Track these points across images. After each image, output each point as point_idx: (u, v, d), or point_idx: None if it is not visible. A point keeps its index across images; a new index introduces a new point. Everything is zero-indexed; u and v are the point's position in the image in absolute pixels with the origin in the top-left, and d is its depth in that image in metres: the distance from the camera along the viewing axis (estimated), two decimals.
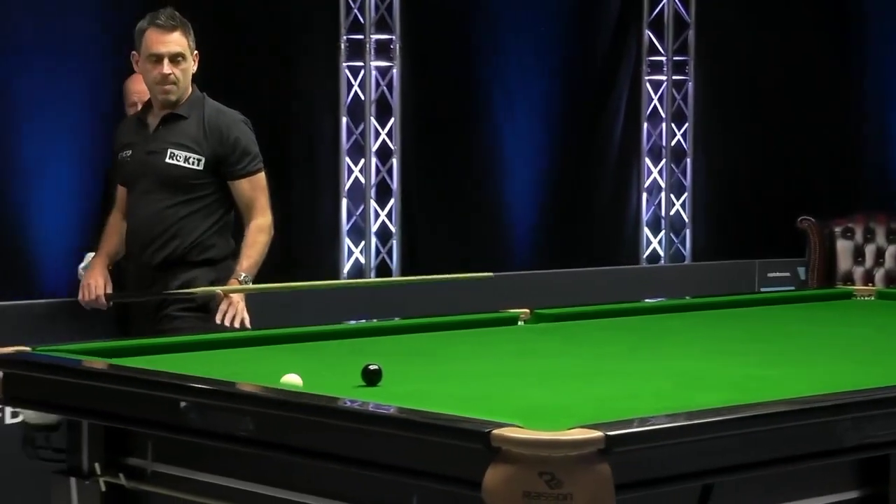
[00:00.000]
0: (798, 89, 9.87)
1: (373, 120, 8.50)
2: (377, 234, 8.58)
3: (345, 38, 8.43)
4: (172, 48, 4.99)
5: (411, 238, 8.67)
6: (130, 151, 5.15)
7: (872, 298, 6.08)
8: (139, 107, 5.99)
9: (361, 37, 8.45)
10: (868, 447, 3.41)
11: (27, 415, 4.12)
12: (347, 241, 8.51)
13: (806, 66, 9.89)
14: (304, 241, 8.36)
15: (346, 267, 8.47)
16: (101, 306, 5.24)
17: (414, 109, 8.64)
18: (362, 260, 8.52)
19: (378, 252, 8.57)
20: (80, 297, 5.37)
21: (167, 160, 5.01)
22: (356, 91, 8.48)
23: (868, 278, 8.47)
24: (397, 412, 3.20)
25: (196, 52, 5.22)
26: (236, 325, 4.96)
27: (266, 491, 3.59)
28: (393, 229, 8.60)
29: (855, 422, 3.35)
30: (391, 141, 8.56)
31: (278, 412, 3.39)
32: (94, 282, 5.20)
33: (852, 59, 10.08)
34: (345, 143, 8.48)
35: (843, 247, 8.58)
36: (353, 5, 8.41)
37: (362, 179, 8.52)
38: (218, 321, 4.94)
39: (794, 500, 3.41)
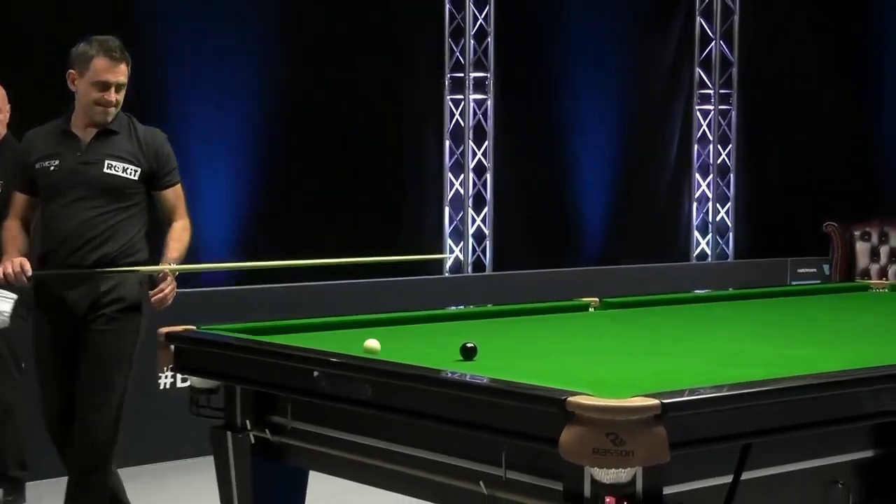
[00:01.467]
0: (823, 116, 9.80)
1: (471, 143, 8.52)
2: (474, 235, 8.59)
3: (448, 75, 8.46)
4: (120, 78, 4.52)
5: (501, 239, 8.67)
6: (57, 161, 4.52)
7: (886, 291, 6.00)
8: None
9: (462, 75, 8.47)
10: (883, 414, 3.37)
11: (193, 381, 4.17)
12: (449, 242, 8.53)
13: (830, 97, 9.81)
14: (414, 242, 8.39)
15: (448, 262, 8.49)
16: (23, 282, 4.45)
17: (504, 134, 8.65)
18: (461, 257, 8.53)
19: (474, 251, 8.58)
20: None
21: (105, 170, 4.54)
22: (457, 119, 8.50)
23: (882, 274, 8.36)
24: (490, 382, 3.21)
25: None
26: (166, 303, 4.59)
27: (382, 445, 3.61)
28: (486, 232, 8.60)
29: (871, 393, 3.32)
30: (485, 160, 8.57)
31: (392, 381, 3.40)
32: (18, 259, 4.44)
33: (870, 91, 9.97)
34: (447, 162, 8.50)
35: (862, 247, 8.48)
36: (455, 49, 8.43)
37: (461, 191, 8.53)
38: (154, 296, 4.54)
39: (820, 457, 3.37)
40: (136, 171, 4.57)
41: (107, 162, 4.51)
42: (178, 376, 6.17)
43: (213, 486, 4.24)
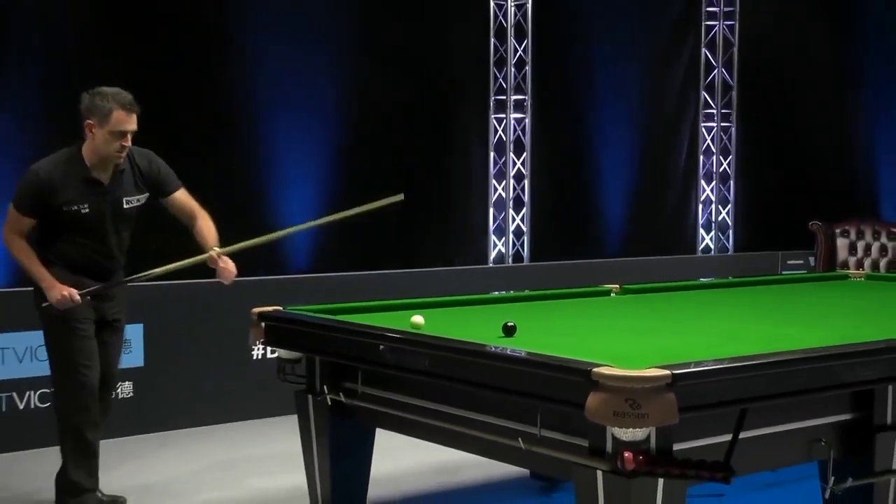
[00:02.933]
0: (810, 134, 9.72)
1: (511, 154, 8.50)
2: (514, 232, 8.57)
3: (493, 98, 8.44)
4: (134, 127, 4.38)
5: (537, 235, 8.65)
6: (87, 206, 4.38)
7: (862, 279, 5.94)
8: None
9: (504, 97, 8.45)
10: (858, 383, 3.35)
11: (280, 352, 4.20)
12: (493, 238, 8.51)
13: (816, 120, 9.72)
14: (462, 238, 8.40)
15: (492, 255, 8.48)
16: (77, 303, 4.37)
17: (539, 147, 8.62)
18: (503, 250, 8.51)
19: (514, 244, 8.56)
20: (57, 303, 4.35)
21: (124, 206, 4.48)
22: (500, 134, 8.48)
23: (859, 265, 8.26)
24: (527, 355, 3.21)
25: None
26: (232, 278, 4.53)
27: (436, 407, 3.62)
28: (524, 229, 8.58)
29: (849, 365, 3.30)
30: (524, 168, 8.54)
31: (445, 353, 3.41)
32: (67, 290, 4.34)
33: (851, 111, 9.87)
34: (492, 170, 8.49)
35: (842, 243, 8.39)
36: (498, 76, 8.42)
37: (504, 195, 8.52)
38: (226, 278, 4.48)
39: (806, 419, 3.35)
40: (142, 197, 4.56)
41: (125, 199, 4.49)
42: (268, 349, 6.21)
43: (296, 440, 4.27)
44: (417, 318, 3.81)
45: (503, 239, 8.53)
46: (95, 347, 4.52)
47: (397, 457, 5.18)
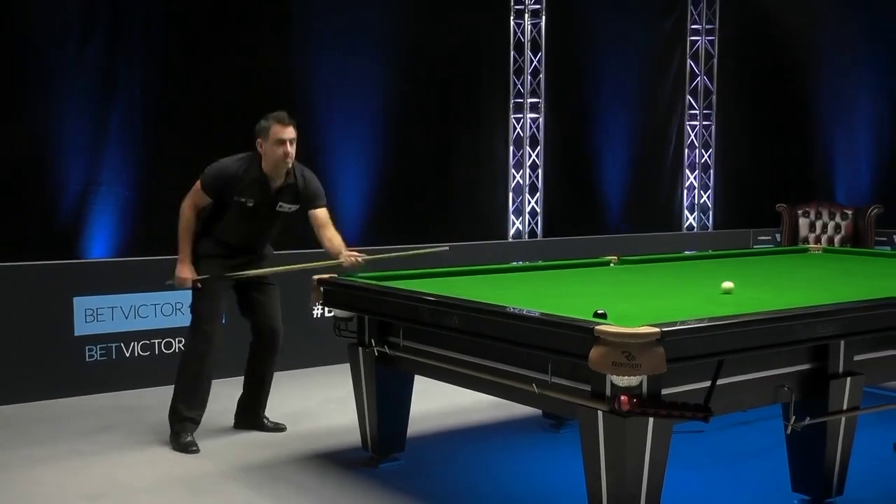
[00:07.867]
0: (778, 131, 9.64)
1: (527, 147, 8.46)
2: (529, 213, 8.54)
3: (512, 101, 8.40)
4: (291, 135, 4.43)
5: (550, 215, 8.62)
6: (253, 202, 4.49)
7: (820, 252, 5.88)
8: None
9: (522, 100, 8.41)
10: (815, 339, 3.33)
11: (336, 312, 4.21)
12: (512, 217, 8.50)
13: (783, 116, 9.64)
14: (486, 218, 8.38)
15: (511, 232, 8.46)
16: (185, 288, 4.61)
17: (552, 142, 8.58)
18: (521, 227, 8.49)
19: (529, 223, 8.54)
20: (177, 281, 4.58)
21: (278, 209, 4.54)
22: (518, 131, 8.45)
23: (818, 241, 8.18)
24: (541, 315, 3.20)
25: None
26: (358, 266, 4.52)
27: (464, 357, 3.62)
28: (538, 210, 8.55)
29: (808, 324, 3.27)
30: (538, 160, 8.51)
31: (472, 313, 3.41)
32: (187, 275, 4.57)
33: (812, 112, 9.75)
34: (511, 161, 8.47)
35: (803, 222, 8.30)
36: (517, 82, 8.38)
37: (521, 181, 8.49)
38: (353, 266, 4.48)
39: (772, 369, 3.33)
40: (293, 207, 4.61)
41: (281, 203, 4.56)
42: (326, 309, 6.23)
43: (348, 385, 4.29)
44: (727, 284, 3.86)
45: (521, 218, 8.51)
46: (220, 307, 4.62)
47: (430, 399, 5.20)
